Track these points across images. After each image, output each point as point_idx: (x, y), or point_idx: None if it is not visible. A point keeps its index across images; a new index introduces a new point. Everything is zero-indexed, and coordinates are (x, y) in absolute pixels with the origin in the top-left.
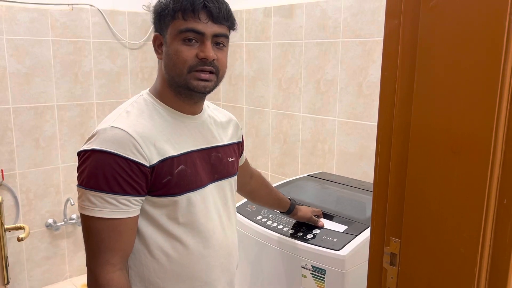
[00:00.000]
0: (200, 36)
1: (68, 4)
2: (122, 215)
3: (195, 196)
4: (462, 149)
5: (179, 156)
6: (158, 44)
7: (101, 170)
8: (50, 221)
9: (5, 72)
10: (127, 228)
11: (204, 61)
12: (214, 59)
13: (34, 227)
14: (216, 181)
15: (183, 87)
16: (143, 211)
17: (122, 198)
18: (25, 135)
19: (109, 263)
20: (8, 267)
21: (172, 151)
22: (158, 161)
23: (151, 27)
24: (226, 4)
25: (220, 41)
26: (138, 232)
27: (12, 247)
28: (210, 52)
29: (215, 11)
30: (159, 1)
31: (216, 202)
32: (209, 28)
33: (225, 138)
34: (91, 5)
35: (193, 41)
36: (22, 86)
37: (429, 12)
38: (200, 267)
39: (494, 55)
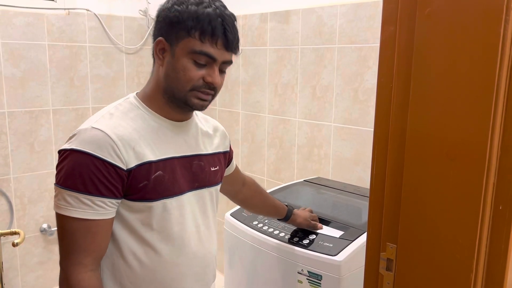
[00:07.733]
0: (211, 60)
1: (65, 9)
2: (96, 216)
3: (171, 203)
4: (458, 155)
5: (158, 162)
6: (160, 49)
7: (78, 170)
8: (45, 226)
9: (0, 76)
10: (102, 230)
11: (209, 85)
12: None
13: (29, 232)
14: (196, 190)
15: (181, 101)
16: (118, 214)
17: (97, 200)
18: (20, 139)
19: (81, 264)
20: (2, 273)
21: (152, 156)
22: (135, 165)
23: (147, 32)
24: (238, 33)
25: (225, 67)
26: (112, 235)
27: (5, 252)
28: (217, 78)
29: (231, 40)
30: (173, 7)
31: (194, 210)
32: (222, 55)
33: (209, 147)
34: (88, 10)
35: (203, 63)
36: (17, 90)
37: (425, 19)
38: (172, 275)
39: (489, 62)
